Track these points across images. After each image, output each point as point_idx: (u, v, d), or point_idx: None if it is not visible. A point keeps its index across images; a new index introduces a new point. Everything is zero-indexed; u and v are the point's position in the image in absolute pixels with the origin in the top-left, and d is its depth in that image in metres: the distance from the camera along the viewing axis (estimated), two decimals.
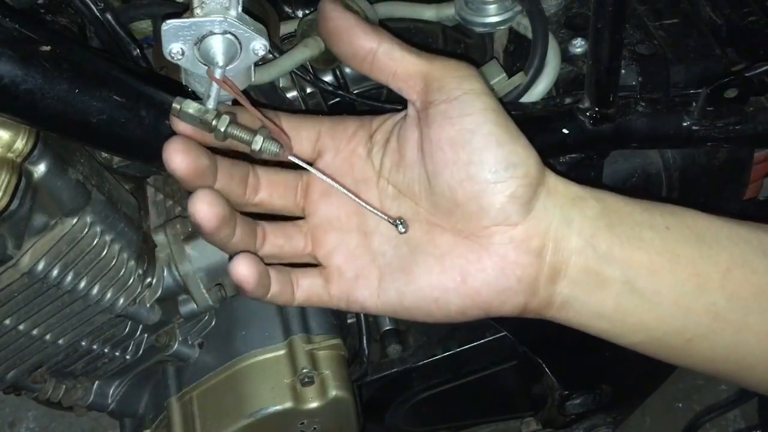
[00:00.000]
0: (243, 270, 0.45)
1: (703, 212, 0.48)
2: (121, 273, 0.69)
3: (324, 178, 0.47)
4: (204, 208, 0.43)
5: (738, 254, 0.46)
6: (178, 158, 0.43)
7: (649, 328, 0.47)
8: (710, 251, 0.46)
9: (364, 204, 0.47)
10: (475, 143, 0.43)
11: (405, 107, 0.48)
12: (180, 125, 0.44)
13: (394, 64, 0.44)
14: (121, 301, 0.71)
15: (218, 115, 0.43)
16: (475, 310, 0.46)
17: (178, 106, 0.43)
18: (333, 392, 0.75)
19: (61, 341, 0.71)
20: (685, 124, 0.62)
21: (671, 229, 0.46)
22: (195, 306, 0.77)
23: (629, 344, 0.49)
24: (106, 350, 0.77)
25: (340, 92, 0.68)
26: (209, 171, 0.44)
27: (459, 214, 0.45)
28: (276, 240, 0.49)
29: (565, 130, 0.61)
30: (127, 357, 0.80)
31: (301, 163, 0.46)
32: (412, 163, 0.46)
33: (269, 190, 0.48)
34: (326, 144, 0.50)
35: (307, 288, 0.49)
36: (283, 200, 0.49)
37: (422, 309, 0.47)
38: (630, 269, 0.45)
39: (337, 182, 0.47)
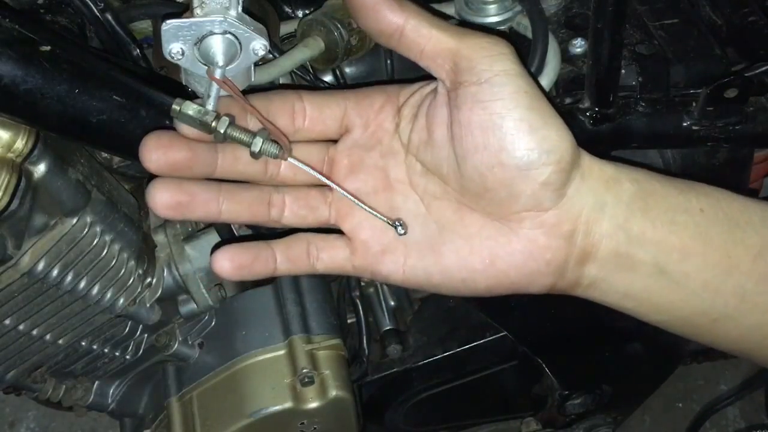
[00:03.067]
0: (225, 265, 0.45)
1: (737, 194, 0.47)
2: (121, 273, 0.69)
3: (324, 179, 0.47)
4: (162, 199, 0.43)
5: None
6: (147, 156, 0.43)
7: (675, 308, 0.47)
8: (743, 234, 0.46)
9: (364, 206, 0.47)
10: (506, 128, 0.41)
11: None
12: (180, 127, 0.44)
13: (423, 41, 0.42)
14: (121, 301, 0.71)
15: (218, 117, 0.43)
16: (501, 289, 0.47)
17: (178, 108, 0.43)
18: (333, 392, 0.75)
19: (61, 341, 0.71)
20: (685, 124, 0.62)
21: (705, 211, 0.45)
22: (195, 306, 0.77)
23: (654, 322, 0.49)
24: (106, 350, 0.77)
25: None
26: (194, 162, 0.44)
27: (488, 198, 0.44)
28: (299, 210, 0.48)
29: None
30: (127, 357, 0.80)
31: (300, 165, 0.46)
32: (441, 143, 0.45)
33: (293, 167, 0.47)
34: (353, 120, 0.49)
35: (328, 259, 0.48)
36: (306, 175, 0.48)
37: (449, 287, 0.47)
38: (661, 252, 0.45)
39: (337, 184, 0.47)
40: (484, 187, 0.44)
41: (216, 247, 0.47)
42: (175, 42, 0.43)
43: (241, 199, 0.46)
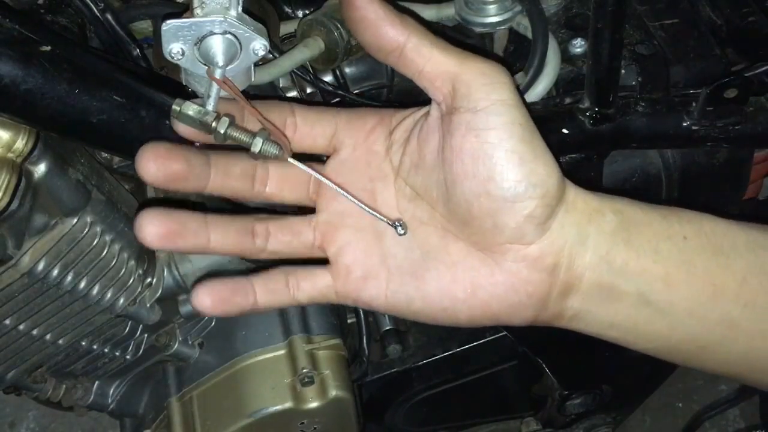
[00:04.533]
0: (206, 302, 0.45)
1: (721, 218, 0.47)
2: (121, 273, 0.69)
3: (324, 180, 0.47)
4: (150, 230, 0.43)
5: (754, 262, 0.46)
6: (145, 166, 0.42)
7: (662, 336, 0.46)
8: (727, 260, 0.45)
9: (364, 206, 0.47)
10: (496, 158, 0.41)
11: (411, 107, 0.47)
12: (180, 127, 0.44)
13: (423, 61, 0.41)
14: (121, 301, 0.71)
15: (218, 117, 0.43)
16: (483, 320, 0.46)
17: (178, 108, 0.43)
18: (333, 392, 0.75)
19: (61, 341, 0.71)
20: (685, 124, 0.62)
21: (689, 238, 0.45)
22: None
23: (641, 350, 0.48)
24: (106, 350, 0.77)
25: (340, 92, 0.68)
26: (189, 174, 0.43)
27: (474, 227, 0.44)
28: (283, 237, 0.47)
29: (564, 130, 0.61)
30: (127, 357, 0.80)
31: (300, 166, 0.46)
32: (432, 167, 0.45)
33: (279, 183, 0.47)
34: (342, 140, 0.48)
35: (309, 289, 0.48)
36: (294, 194, 0.48)
37: (430, 315, 0.47)
38: (644, 283, 0.44)
39: (337, 185, 0.47)
40: (470, 215, 0.43)
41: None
42: (175, 42, 0.43)
43: (226, 229, 0.46)
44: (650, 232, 0.45)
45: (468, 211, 0.43)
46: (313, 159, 0.49)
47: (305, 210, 0.50)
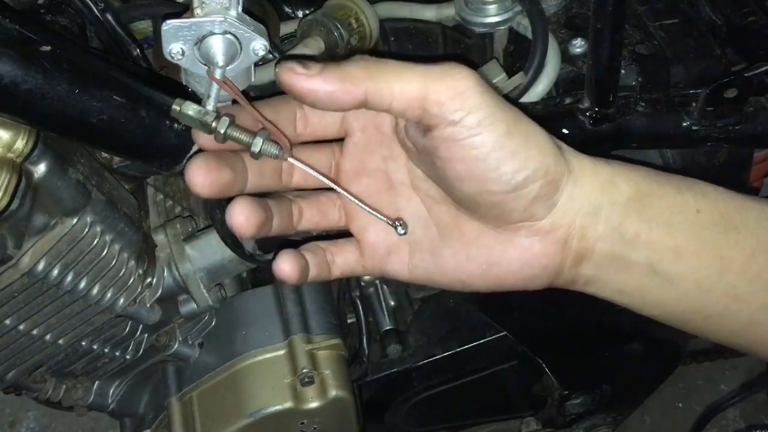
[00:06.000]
0: (286, 268, 0.46)
1: (735, 193, 0.48)
2: (121, 273, 0.69)
3: (324, 179, 0.47)
4: (241, 221, 0.44)
5: (764, 238, 0.46)
6: (199, 181, 0.43)
7: (668, 305, 0.48)
8: (738, 236, 0.46)
9: (365, 207, 0.47)
10: (488, 160, 0.41)
11: None
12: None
13: (387, 100, 0.41)
14: (121, 301, 0.71)
15: (218, 117, 0.43)
16: (500, 289, 0.48)
17: (178, 108, 0.43)
18: (333, 392, 0.75)
19: (61, 341, 0.71)
20: (685, 124, 0.62)
21: (701, 212, 0.46)
22: (195, 306, 0.77)
23: (648, 315, 0.50)
24: (106, 350, 0.77)
25: None
26: (235, 181, 0.45)
27: (482, 213, 0.45)
28: (312, 217, 0.50)
29: (565, 130, 0.61)
30: (127, 357, 0.80)
31: (301, 166, 0.46)
32: (430, 164, 0.45)
33: (304, 173, 0.48)
34: (351, 123, 0.49)
35: (342, 263, 0.50)
36: (315, 179, 0.49)
37: (450, 286, 0.49)
38: (655, 253, 0.45)
39: (336, 183, 0.47)
40: (476, 206, 0.45)
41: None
42: (175, 42, 0.43)
43: (278, 212, 0.48)
44: (663, 204, 0.46)
45: (473, 203, 0.44)
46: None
47: None
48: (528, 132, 0.43)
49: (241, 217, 0.44)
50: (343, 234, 0.52)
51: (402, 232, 0.47)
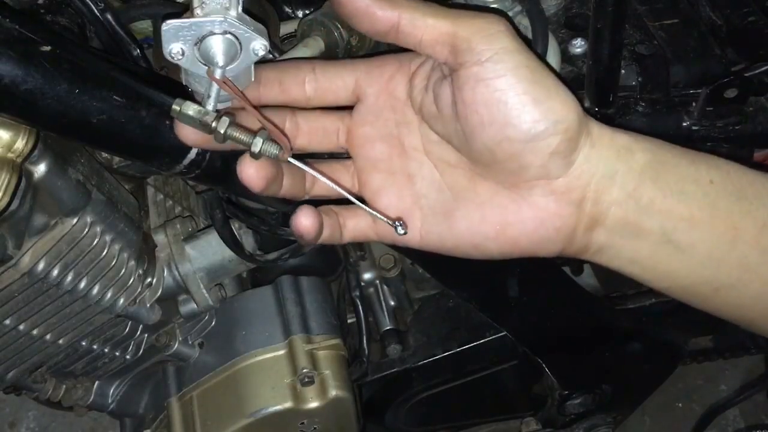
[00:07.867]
0: (305, 222, 0.47)
1: (747, 167, 0.48)
2: (121, 273, 0.69)
3: (323, 179, 0.47)
4: (251, 173, 0.45)
5: None
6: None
7: (679, 276, 0.48)
8: (750, 207, 0.46)
9: (364, 206, 0.47)
10: (510, 104, 0.42)
11: None
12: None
13: (419, 32, 0.43)
14: (121, 301, 0.71)
15: (218, 117, 0.43)
16: (513, 253, 0.48)
17: (178, 108, 0.43)
18: (333, 392, 0.76)
19: (61, 341, 0.71)
20: (685, 124, 0.62)
21: (715, 183, 0.46)
22: (195, 306, 0.77)
23: (657, 288, 0.50)
24: (106, 350, 0.77)
25: None
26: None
27: (499, 169, 0.45)
28: (325, 184, 0.49)
29: None
30: (127, 357, 0.80)
31: (300, 165, 0.46)
32: (448, 119, 0.46)
33: (308, 137, 0.49)
34: (364, 89, 0.49)
35: (353, 228, 0.50)
36: (324, 144, 0.50)
37: (462, 251, 0.49)
38: (668, 221, 0.45)
39: (336, 183, 0.47)
40: (494, 159, 0.44)
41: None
42: (175, 42, 0.43)
43: (291, 174, 0.48)
44: (678, 173, 0.46)
45: (491, 156, 0.44)
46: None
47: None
48: (553, 85, 0.43)
49: (251, 169, 0.45)
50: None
51: (402, 232, 0.47)
